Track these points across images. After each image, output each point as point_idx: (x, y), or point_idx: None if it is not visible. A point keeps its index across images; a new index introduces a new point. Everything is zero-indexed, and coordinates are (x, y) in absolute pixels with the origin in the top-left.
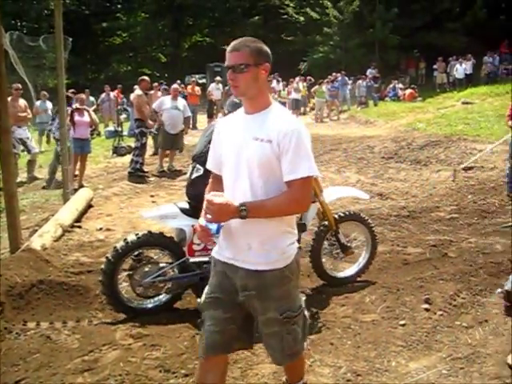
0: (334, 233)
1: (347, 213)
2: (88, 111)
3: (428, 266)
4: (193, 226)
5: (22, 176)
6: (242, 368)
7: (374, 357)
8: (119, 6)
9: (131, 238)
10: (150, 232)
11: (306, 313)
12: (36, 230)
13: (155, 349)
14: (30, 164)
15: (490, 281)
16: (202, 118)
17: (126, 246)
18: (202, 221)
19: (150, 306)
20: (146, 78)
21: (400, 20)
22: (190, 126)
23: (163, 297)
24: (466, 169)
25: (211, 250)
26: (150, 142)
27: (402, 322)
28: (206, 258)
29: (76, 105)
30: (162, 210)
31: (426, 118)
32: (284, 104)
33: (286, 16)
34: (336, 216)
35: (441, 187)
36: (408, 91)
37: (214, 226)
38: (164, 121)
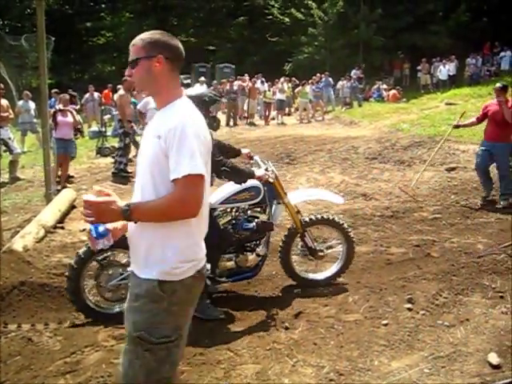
0: (300, 236)
1: (318, 217)
2: (71, 112)
3: (411, 266)
4: None
5: (4, 177)
6: (225, 368)
7: (356, 356)
8: (103, 6)
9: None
10: None
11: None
12: (18, 231)
13: None
14: (12, 164)
15: (471, 280)
16: None
17: (89, 251)
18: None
19: (118, 309)
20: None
21: (384, 21)
22: None
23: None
24: (449, 169)
25: None
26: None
27: (385, 322)
28: None
29: (59, 106)
30: None
31: (409, 118)
32: (270, 104)
33: (270, 17)
34: (307, 219)
35: (424, 187)
36: (392, 92)
37: (94, 228)
38: (148, 121)
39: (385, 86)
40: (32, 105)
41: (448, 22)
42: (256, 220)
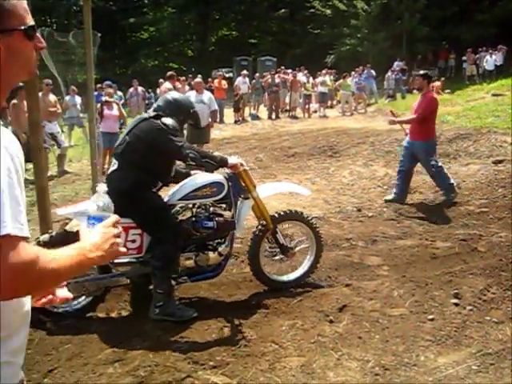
0: (271, 233)
1: (287, 212)
2: (117, 104)
3: (457, 261)
4: None
5: (53, 170)
6: (270, 361)
7: (402, 351)
8: (146, 2)
9: (44, 237)
10: (64, 231)
11: None
12: (66, 223)
13: (183, 341)
14: (60, 158)
15: None
16: (228, 112)
17: (38, 246)
18: None
19: (68, 309)
20: (173, 73)
21: (428, 11)
22: (217, 119)
23: (83, 299)
24: (496, 162)
25: (132, 249)
26: None
27: (431, 317)
28: (126, 259)
29: (105, 98)
30: (77, 207)
31: (454, 110)
32: (310, 97)
33: (312, 9)
34: (276, 215)
35: (470, 181)
36: (436, 83)
37: None
38: None
39: None
40: (78, 99)
41: (495, 11)
42: (217, 218)
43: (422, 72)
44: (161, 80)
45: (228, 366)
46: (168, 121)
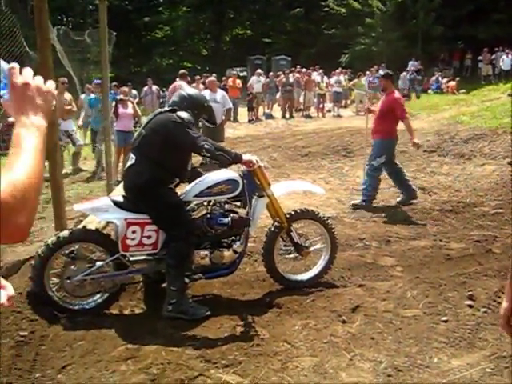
0: (286, 231)
1: (303, 210)
2: (132, 102)
3: (471, 262)
4: (125, 219)
5: (68, 168)
6: (282, 360)
7: (415, 352)
8: (161, 1)
9: (63, 233)
10: (84, 228)
11: None
12: (81, 221)
13: (196, 339)
14: (75, 156)
15: None
16: (242, 111)
17: (58, 242)
18: None
19: (85, 306)
20: (185, 71)
21: (443, 10)
22: (231, 118)
23: (98, 297)
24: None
25: (148, 245)
26: None
27: (445, 318)
28: (142, 256)
29: (120, 96)
30: (94, 203)
31: (470, 110)
32: (324, 96)
33: (327, 8)
34: (292, 213)
35: (485, 181)
36: (451, 83)
37: None
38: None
39: (444, 78)
40: None
41: (511, 10)
42: (231, 215)
43: (382, 72)
44: (177, 79)
45: (240, 365)
46: (183, 114)
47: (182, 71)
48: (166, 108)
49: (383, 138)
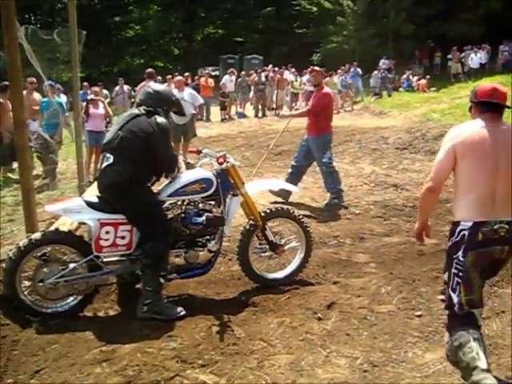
0: (261, 230)
1: (277, 208)
2: (103, 102)
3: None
4: (99, 219)
5: (38, 169)
6: (259, 358)
7: (390, 347)
8: (132, 0)
9: (35, 235)
10: (56, 229)
11: None
12: (52, 223)
13: (172, 339)
14: (45, 157)
15: (506, 272)
16: (215, 110)
17: (30, 244)
18: None
19: (58, 309)
20: (152, 70)
21: (414, 9)
22: (204, 113)
23: (72, 299)
24: None
25: (121, 245)
26: None
27: (419, 313)
28: (116, 257)
29: (91, 96)
30: (66, 204)
31: (440, 108)
32: (297, 95)
33: (298, 7)
34: (266, 211)
35: None
36: (422, 81)
37: None
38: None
39: (415, 76)
40: (63, 98)
41: (479, 10)
42: (206, 214)
43: (317, 68)
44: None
45: (216, 365)
46: (161, 120)
47: (150, 70)
48: (142, 110)
49: (316, 135)
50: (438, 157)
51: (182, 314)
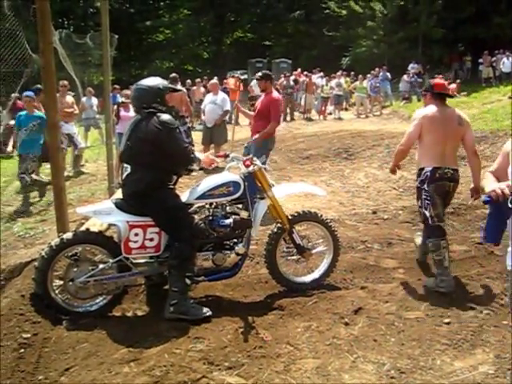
0: (288, 233)
1: (305, 212)
2: None
3: (473, 264)
4: (128, 222)
5: (69, 170)
6: (285, 362)
7: (418, 354)
8: (162, 4)
9: (67, 235)
10: (87, 230)
11: None
12: (83, 223)
13: (199, 341)
14: (77, 159)
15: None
16: None
17: (61, 243)
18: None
19: (89, 308)
20: (176, 75)
21: (444, 13)
22: (226, 119)
23: (101, 299)
24: None
25: (150, 247)
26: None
27: (447, 320)
28: (144, 259)
29: (122, 99)
30: (96, 206)
31: (470, 113)
32: (327, 99)
33: (327, 10)
34: (294, 214)
35: None
36: (452, 86)
37: None
38: (204, 116)
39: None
40: (95, 101)
41: (511, 13)
42: (233, 217)
43: (260, 74)
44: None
45: (243, 367)
46: (164, 118)
47: (173, 75)
48: (143, 113)
49: (265, 137)
50: (409, 129)
51: (208, 314)
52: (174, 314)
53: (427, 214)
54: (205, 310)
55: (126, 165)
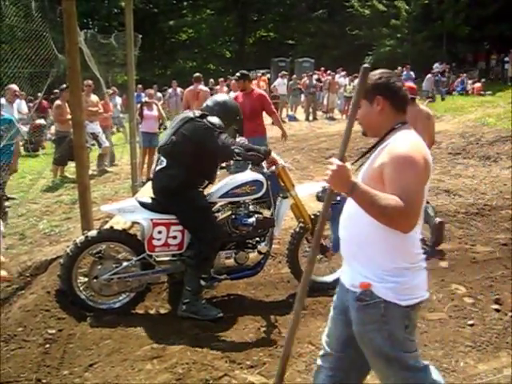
0: (311, 232)
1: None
2: (157, 105)
3: (498, 266)
4: (152, 219)
5: (93, 169)
6: (307, 362)
7: (441, 356)
8: (185, 4)
9: (91, 233)
10: (111, 228)
11: None
12: (107, 221)
13: (221, 339)
14: (101, 157)
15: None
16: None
17: (86, 241)
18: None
19: (113, 305)
20: (199, 74)
21: (469, 10)
22: None
23: (125, 296)
24: None
25: (173, 245)
26: None
27: (471, 322)
28: (167, 257)
29: (145, 98)
30: (120, 204)
31: (496, 112)
32: (350, 98)
33: (351, 9)
34: (317, 214)
35: None
36: (477, 85)
37: None
38: None
39: (470, 80)
40: (119, 100)
41: None
42: (256, 216)
43: (239, 74)
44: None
45: (264, 366)
46: (213, 119)
47: (197, 74)
48: (197, 113)
49: (262, 134)
50: None
51: (219, 315)
52: (186, 312)
53: None
54: (216, 311)
55: (162, 158)
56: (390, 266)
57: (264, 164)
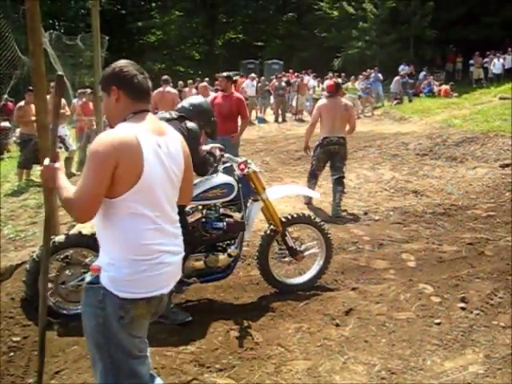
0: (281, 235)
1: (298, 214)
2: None
3: (464, 265)
4: None
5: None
6: (276, 364)
7: (408, 355)
8: (153, 5)
9: (59, 238)
10: (79, 232)
11: None
12: (74, 225)
13: (190, 343)
14: (68, 161)
15: None
16: None
17: (53, 246)
18: None
19: (79, 311)
20: (168, 77)
21: (435, 13)
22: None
23: None
24: (503, 166)
25: None
26: None
27: (438, 321)
28: None
29: None
30: None
31: (462, 114)
32: (318, 100)
33: (319, 11)
34: (287, 216)
35: (477, 184)
36: (443, 87)
37: None
38: None
39: (436, 82)
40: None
41: (502, 13)
42: (227, 219)
43: (225, 74)
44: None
45: (234, 369)
46: (191, 125)
47: (165, 77)
48: (173, 114)
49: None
50: (314, 113)
51: (187, 319)
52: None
53: (314, 167)
54: (185, 315)
55: None
56: (117, 255)
57: (235, 167)
